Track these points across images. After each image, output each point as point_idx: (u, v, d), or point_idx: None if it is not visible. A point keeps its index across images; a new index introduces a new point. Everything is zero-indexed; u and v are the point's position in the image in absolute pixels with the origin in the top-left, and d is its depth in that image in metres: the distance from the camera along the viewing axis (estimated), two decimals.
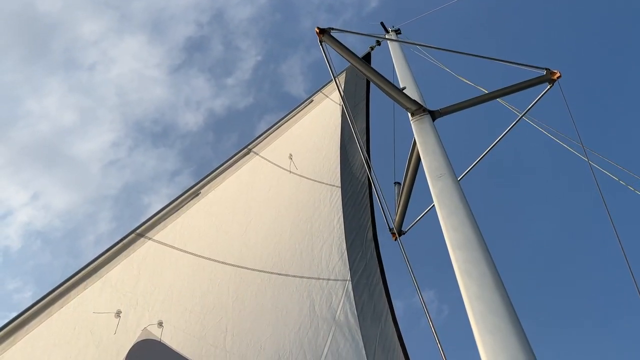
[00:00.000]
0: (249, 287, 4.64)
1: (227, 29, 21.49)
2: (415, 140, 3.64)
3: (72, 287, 3.53)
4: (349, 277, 5.37)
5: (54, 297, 3.41)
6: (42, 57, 19.58)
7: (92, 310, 3.57)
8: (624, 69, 17.27)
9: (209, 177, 4.90)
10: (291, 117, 6.12)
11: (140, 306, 3.84)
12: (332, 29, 4.43)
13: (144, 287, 3.98)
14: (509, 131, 4.99)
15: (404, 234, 4.97)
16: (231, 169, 5.17)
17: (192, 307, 4.16)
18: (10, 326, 3.11)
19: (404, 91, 4.05)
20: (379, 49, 7.46)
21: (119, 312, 3.68)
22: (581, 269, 16.59)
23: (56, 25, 19.46)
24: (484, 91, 4.70)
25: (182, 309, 4.10)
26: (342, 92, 5.83)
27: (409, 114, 3.85)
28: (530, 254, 17.06)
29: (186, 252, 4.43)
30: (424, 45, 6.33)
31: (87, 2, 19.78)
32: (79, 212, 20.18)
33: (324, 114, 6.76)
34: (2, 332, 3.06)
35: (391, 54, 6.25)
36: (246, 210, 5.28)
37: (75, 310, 3.48)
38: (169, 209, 4.41)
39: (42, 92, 19.34)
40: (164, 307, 3.99)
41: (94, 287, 3.66)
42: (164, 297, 4.06)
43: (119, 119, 20.43)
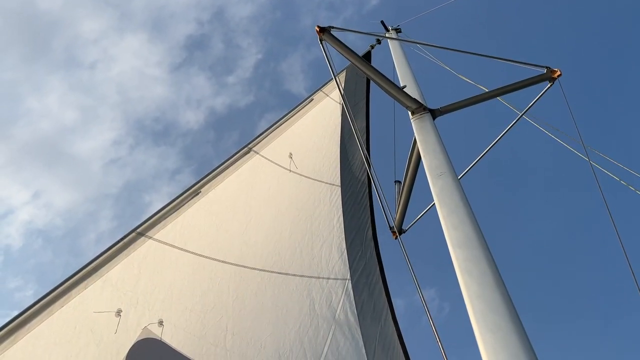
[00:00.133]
0: (249, 286, 4.65)
1: (227, 27, 21.47)
2: (415, 138, 3.64)
3: (73, 286, 3.53)
4: (349, 276, 5.38)
5: (54, 296, 3.41)
6: (43, 56, 19.57)
7: (93, 309, 3.58)
8: (625, 67, 17.26)
9: (209, 176, 4.90)
10: (291, 116, 6.12)
11: (140, 305, 3.84)
12: (333, 27, 4.43)
13: (145, 286, 3.98)
14: (509, 130, 4.99)
15: (404, 233, 4.97)
16: (231, 167, 5.17)
17: (193, 306, 4.16)
18: (11, 325, 3.11)
19: (404, 90, 4.05)
20: (379, 47, 7.46)
21: (119, 311, 3.68)
22: (582, 268, 16.61)
23: (57, 23, 19.44)
24: (484, 90, 4.70)
25: (183, 308, 4.10)
26: (342, 91, 5.83)
27: (409, 113, 3.85)
28: (530, 253, 17.08)
29: (186, 251, 4.43)
30: (424, 43, 6.33)
31: (87, 0, 19.77)
32: (80, 210, 20.18)
33: (324, 113, 6.76)
34: (4, 331, 3.07)
35: (391, 52, 6.24)
36: (246, 209, 5.28)
37: (76, 309, 3.49)
38: (169, 207, 4.42)
39: (43, 90, 19.33)
40: (165, 306, 3.99)
41: (94, 286, 3.66)
42: (165, 296, 4.06)
43: (120, 117, 20.42)
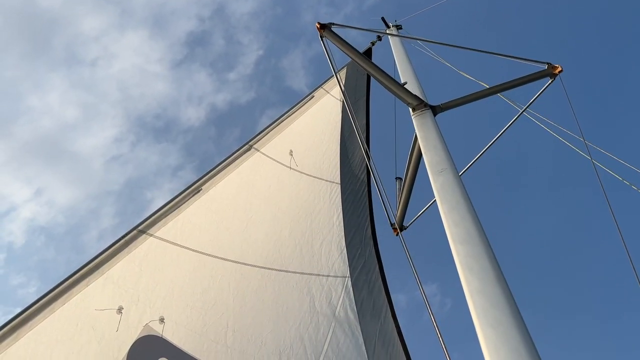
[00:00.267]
0: (250, 283, 4.65)
1: (228, 23, 21.44)
2: (416, 135, 3.64)
3: (75, 284, 3.54)
4: (349, 274, 5.38)
5: (56, 293, 3.41)
6: (44, 53, 19.55)
7: (94, 306, 3.58)
8: (627, 63, 17.24)
9: (210, 173, 4.91)
10: (292, 113, 6.12)
11: (141, 302, 3.85)
12: (333, 24, 4.42)
13: (146, 283, 3.99)
14: (510, 126, 4.99)
15: (405, 229, 4.97)
16: (232, 165, 5.17)
17: (194, 303, 4.17)
18: (13, 323, 3.12)
19: (405, 86, 4.04)
20: (380, 44, 7.44)
21: (120, 308, 3.68)
22: (583, 265, 16.63)
23: (57, 20, 19.41)
24: (485, 86, 4.69)
25: (184, 305, 4.11)
26: (342, 87, 5.82)
27: (410, 109, 3.84)
28: (531, 249, 17.10)
29: (187, 248, 4.43)
30: (425, 40, 6.32)
31: None
32: (82, 207, 20.20)
33: (325, 111, 6.75)
34: (6, 328, 3.07)
35: (392, 49, 6.23)
36: (247, 206, 5.28)
37: (77, 306, 3.49)
38: (170, 205, 4.42)
39: (44, 88, 19.33)
40: (166, 304, 4.00)
41: (96, 284, 3.66)
42: (166, 294, 4.07)
43: (121, 114, 20.42)
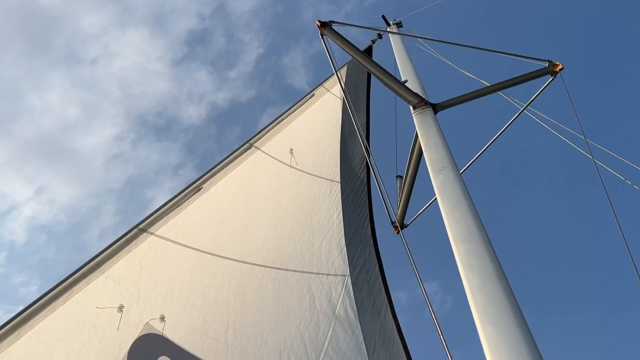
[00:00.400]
0: (250, 282, 4.65)
1: (229, 21, 21.42)
2: (417, 133, 3.63)
3: (76, 282, 3.54)
4: (348, 273, 5.38)
5: (57, 292, 3.42)
6: (44, 52, 19.53)
7: (95, 305, 3.59)
8: (628, 61, 17.21)
9: (211, 172, 4.90)
10: (292, 112, 6.11)
11: (142, 301, 3.85)
12: (334, 22, 4.41)
13: (146, 282, 3.99)
14: (511, 124, 4.98)
15: (406, 227, 4.97)
16: (233, 163, 5.17)
17: (194, 302, 4.17)
18: (14, 321, 3.12)
19: (405, 84, 4.03)
20: (381, 42, 7.44)
21: (121, 306, 3.69)
22: (583, 263, 16.64)
23: (57, 19, 19.39)
24: (485, 84, 4.68)
25: (184, 304, 4.11)
26: (343, 85, 5.81)
27: (410, 107, 3.84)
28: (532, 247, 17.10)
29: (188, 247, 4.43)
30: (425, 38, 6.30)
31: None
32: (83, 206, 20.21)
33: (325, 109, 6.74)
34: (7, 326, 3.08)
35: (393, 47, 6.22)
36: (247, 205, 5.28)
37: (78, 305, 3.49)
38: (171, 204, 4.42)
39: (45, 87, 19.32)
40: (166, 302, 4.00)
41: (96, 282, 3.67)
42: (166, 292, 4.07)
43: (122, 112, 20.41)
